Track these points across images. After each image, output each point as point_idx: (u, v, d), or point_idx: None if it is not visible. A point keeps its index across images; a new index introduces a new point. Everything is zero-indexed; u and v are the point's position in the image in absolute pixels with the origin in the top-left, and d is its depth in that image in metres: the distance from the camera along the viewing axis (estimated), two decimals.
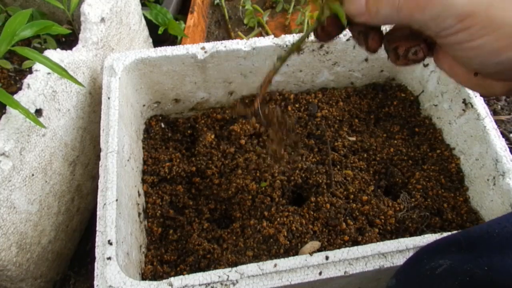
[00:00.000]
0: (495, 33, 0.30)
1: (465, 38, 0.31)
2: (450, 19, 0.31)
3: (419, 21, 0.32)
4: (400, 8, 0.32)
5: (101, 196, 0.63)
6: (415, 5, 0.31)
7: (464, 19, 0.30)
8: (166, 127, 0.88)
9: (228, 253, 0.68)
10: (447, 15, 0.30)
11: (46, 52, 0.68)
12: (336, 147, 0.82)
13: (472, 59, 0.33)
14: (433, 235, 0.58)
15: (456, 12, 0.30)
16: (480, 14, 0.30)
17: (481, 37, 0.31)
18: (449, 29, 0.31)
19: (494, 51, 0.31)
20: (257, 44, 0.78)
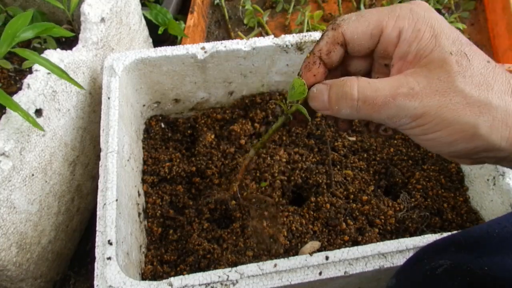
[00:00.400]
0: (447, 129, 0.32)
1: (420, 133, 0.34)
2: (404, 118, 0.33)
3: (377, 119, 0.35)
4: (359, 109, 0.35)
5: (101, 196, 0.63)
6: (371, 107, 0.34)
7: (417, 119, 0.33)
8: (166, 127, 0.88)
9: (228, 253, 0.68)
10: (402, 116, 0.33)
11: (46, 52, 0.68)
12: (336, 147, 0.82)
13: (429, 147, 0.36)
14: (433, 235, 0.58)
15: (409, 113, 0.33)
16: (431, 114, 0.32)
17: (434, 132, 0.33)
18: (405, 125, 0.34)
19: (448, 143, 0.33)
20: (257, 44, 0.77)
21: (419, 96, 0.32)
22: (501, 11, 1.19)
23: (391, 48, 0.35)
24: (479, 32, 1.25)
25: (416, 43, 0.33)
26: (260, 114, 0.86)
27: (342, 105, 0.36)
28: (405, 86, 0.33)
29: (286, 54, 0.80)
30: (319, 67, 0.39)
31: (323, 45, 0.38)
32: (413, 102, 0.32)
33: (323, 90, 0.37)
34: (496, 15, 1.22)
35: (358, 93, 0.34)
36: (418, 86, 0.32)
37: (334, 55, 0.38)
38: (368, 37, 0.36)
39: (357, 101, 0.34)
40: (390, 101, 0.33)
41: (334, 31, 0.37)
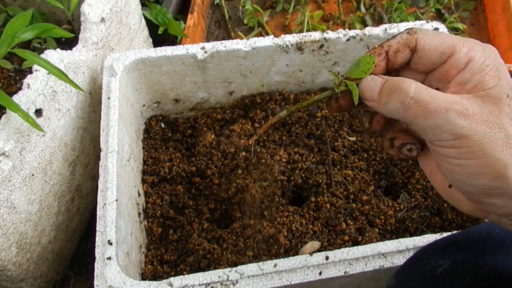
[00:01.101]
0: (480, 160, 0.33)
1: (453, 155, 0.35)
2: (447, 134, 0.34)
3: (420, 125, 0.35)
4: (408, 107, 0.35)
5: (101, 196, 0.63)
6: (421, 110, 0.34)
7: (458, 138, 0.34)
8: (166, 127, 0.88)
9: (228, 253, 0.68)
10: (445, 130, 0.34)
11: (46, 52, 0.68)
12: (336, 147, 0.82)
13: (452, 173, 0.36)
14: (433, 235, 0.58)
15: (454, 130, 0.33)
16: (473, 139, 0.33)
17: (466, 158, 0.34)
18: (443, 142, 0.35)
19: (473, 175, 0.34)
20: (257, 44, 0.77)
21: (469, 118, 0.33)
22: (501, 11, 1.19)
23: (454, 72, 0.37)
24: (479, 32, 1.25)
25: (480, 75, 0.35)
26: (260, 114, 0.86)
27: (392, 99, 0.36)
28: (460, 104, 0.34)
29: (286, 54, 0.80)
30: (382, 60, 0.39)
31: (394, 43, 0.39)
32: (462, 121, 0.33)
33: (377, 81, 0.38)
34: (496, 15, 1.22)
35: (414, 92, 0.35)
36: (471, 109, 0.34)
37: (400, 56, 0.38)
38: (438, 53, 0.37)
39: (410, 99, 0.35)
40: (442, 112, 0.34)
41: (409, 35, 0.38)
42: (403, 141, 0.40)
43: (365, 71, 0.38)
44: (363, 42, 0.79)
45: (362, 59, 0.40)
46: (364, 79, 0.38)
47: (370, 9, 1.29)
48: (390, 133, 0.41)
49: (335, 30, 0.79)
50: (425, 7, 1.28)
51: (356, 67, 0.40)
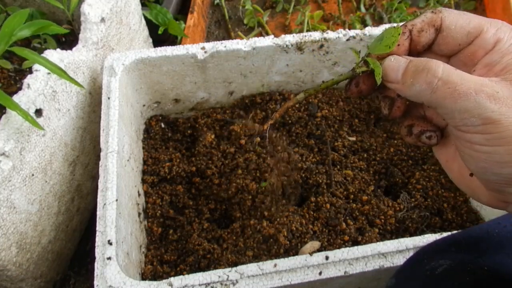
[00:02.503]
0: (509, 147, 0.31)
1: (480, 141, 0.32)
2: (476, 118, 0.32)
3: (448, 108, 0.33)
4: (435, 89, 0.33)
5: (101, 196, 0.63)
6: (450, 92, 0.32)
7: (487, 123, 0.31)
8: (166, 127, 0.88)
9: (228, 253, 0.68)
10: (475, 114, 0.32)
11: (46, 52, 0.68)
12: (336, 147, 0.82)
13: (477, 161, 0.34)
14: (433, 235, 0.58)
15: (484, 115, 0.31)
16: (503, 124, 0.31)
17: (494, 145, 0.32)
18: (471, 127, 0.32)
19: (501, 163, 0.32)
20: (257, 44, 0.77)
21: (500, 101, 0.31)
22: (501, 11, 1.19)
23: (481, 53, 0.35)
24: None
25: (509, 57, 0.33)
26: (260, 114, 0.86)
27: (418, 79, 0.34)
28: (490, 87, 0.32)
29: (286, 54, 0.80)
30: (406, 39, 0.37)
31: (418, 22, 0.37)
32: (493, 104, 0.31)
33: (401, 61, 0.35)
34: (496, 15, 1.22)
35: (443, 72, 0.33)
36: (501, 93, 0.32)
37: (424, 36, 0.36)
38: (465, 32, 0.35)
39: (439, 80, 0.33)
40: (471, 94, 0.31)
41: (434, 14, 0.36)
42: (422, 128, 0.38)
43: (389, 45, 0.36)
44: (363, 42, 0.80)
45: (386, 32, 0.37)
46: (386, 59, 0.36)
47: (370, 9, 1.29)
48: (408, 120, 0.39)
49: (335, 30, 0.79)
50: (425, 7, 1.28)
51: (379, 42, 0.37)
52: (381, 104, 0.39)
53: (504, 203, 0.37)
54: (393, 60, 0.36)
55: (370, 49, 0.38)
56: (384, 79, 0.36)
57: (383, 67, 0.36)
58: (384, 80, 0.36)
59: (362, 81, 0.39)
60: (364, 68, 0.38)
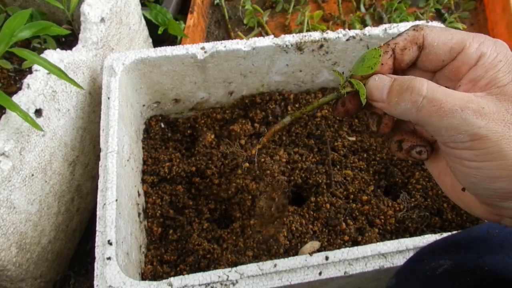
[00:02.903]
0: (498, 162, 0.31)
1: (469, 157, 0.32)
2: (463, 135, 0.32)
3: (435, 126, 0.33)
4: (421, 107, 0.33)
5: (101, 196, 0.62)
6: (436, 110, 0.32)
7: (475, 139, 0.31)
8: (166, 127, 0.88)
9: (228, 253, 0.68)
10: (462, 130, 0.31)
11: (46, 52, 0.68)
12: (336, 147, 0.82)
13: (467, 176, 0.34)
14: (433, 235, 0.58)
15: (471, 131, 0.31)
16: (491, 140, 0.31)
17: (484, 161, 0.32)
18: (459, 143, 0.32)
19: (491, 178, 0.32)
20: (257, 44, 0.77)
21: (487, 117, 0.31)
22: (501, 11, 1.19)
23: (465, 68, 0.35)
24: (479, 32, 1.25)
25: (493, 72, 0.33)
26: (260, 114, 0.86)
27: (403, 99, 0.33)
28: (475, 103, 0.32)
29: (286, 54, 0.80)
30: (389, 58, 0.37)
31: (400, 40, 0.37)
32: (480, 120, 0.31)
33: (385, 80, 0.35)
34: (496, 15, 1.22)
35: (427, 90, 0.33)
36: (487, 108, 0.32)
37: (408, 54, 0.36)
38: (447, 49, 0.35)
39: (423, 98, 0.33)
40: (457, 111, 0.31)
41: (415, 31, 0.37)
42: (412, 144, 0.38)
43: (371, 67, 0.36)
44: (363, 42, 0.79)
45: (367, 53, 0.37)
46: (371, 78, 0.36)
47: (370, 9, 1.29)
48: (398, 135, 0.39)
49: (335, 30, 0.79)
50: (425, 7, 1.28)
51: (361, 63, 0.37)
52: (369, 121, 0.39)
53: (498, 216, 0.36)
54: (377, 80, 0.36)
55: (353, 70, 0.38)
56: (370, 98, 0.36)
57: (368, 87, 0.36)
58: (369, 99, 0.37)
59: (348, 100, 0.39)
60: (349, 88, 0.38)
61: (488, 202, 0.35)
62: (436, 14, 1.29)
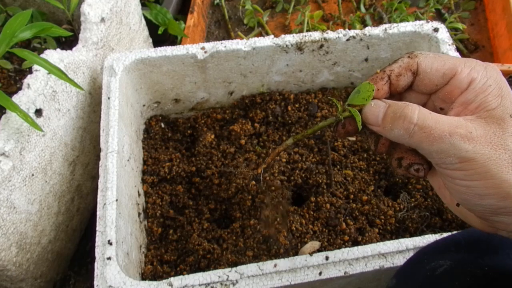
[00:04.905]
0: (486, 181, 0.34)
1: (459, 176, 0.35)
2: (452, 157, 0.34)
3: (426, 150, 0.35)
4: (412, 134, 0.35)
5: (101, 196, 0.63)
6: (426, 136, 0.35)
7: (464, 162, 0.34)
8: (166, 127, 0.88)
9: (228, 253, 0.68)
10: (451, 154, 0.34)
11: (46, 52, 0.68)
12: (336, 147, 0.82)
13: (459, 193, 0.36)
14: (433, 235, 0.58)
15: (459, 154, 0.34)
16: (479, 161, 0.33)
17: (473, 180, 0.34)
18: (449, 165, 0.35)
19: (480, 195, 0.34)
20: (257, 44, 0.77)
21: (474, 141, 0.34)
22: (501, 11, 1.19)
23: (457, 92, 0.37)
24: (479, 32, 1.25)
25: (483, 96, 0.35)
26: (260, 114, 0.86)
27: (396, 125, 0.36)
28: (464, 128, 0.34)
29: (286, 54, 0.80)
30: (385, 84, 0.39)
31: (396, 67, 0.39)
32: (467, 144, 0.34)
33: (380, 106, 0.38)
34: (496, 15, 1.22)
35: (418, 118, 0.35)
36: (475, 132, 0.34)
37: (403, 80, 0.39)
38: (440, 74, 0.37)
39: (415, 125, 0.35)
40: (446, 136, 0.34)
41: (410, 59, 0.39)
42: (411, 161, 0.40)
43: (366, 98, 0.39)
44: (363, 42, 0.80)
45: (362, 86, 0.40)
46: (367, 104, 0.39)
47: (370, 9, 1.29)
48: (398, 153, 0.41)
49: (335, 30, 0.79)
50: (425, 7, 1.28)
51: (357, 94, 0.40)
52: (369, 140, 0.42)
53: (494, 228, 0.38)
54: (373, 105, 0.38)
55: (349, 100, 0.41)
56: (366, 122, 0.39)
57: (364, 112, 0.39)
58: (366, 123, 0.39)
59: (348, 122, 0.41)
60: (347, 113, 0.41)
61: (482, 216, 0.37)
62: (436, 14, 1.29)
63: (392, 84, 0.40)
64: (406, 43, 0.81)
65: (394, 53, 0.83)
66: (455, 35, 1.20)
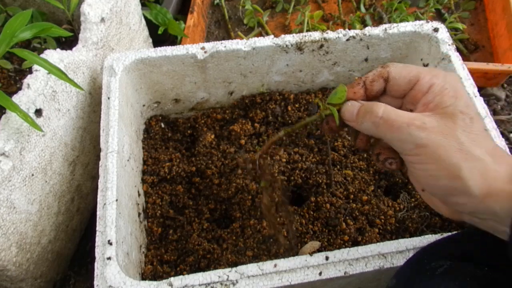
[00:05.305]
0: (437, 164, 0.40)
1: (416, 161, 0.42)
2: (409, 144, 0.41)
3: (389, 139, 0.43)
4: (378, 125, 0.43)
5: (101, 196, 0.63)
6: (388, 127, 0.42)
7: (419, 148, 0.40)
8: (166, 127, 0.88)
9: (228, 253, 0.68)
10: (408, 141, 0.41)
11: (46, 52, 0.68)
12: (336, 147, 0.82)
13: (419, 177, 0.43)
14: (433, 235, 0.58)
15: (415, 141, 0.40)
16: (431, 147, 0.40)
17: (427, 163, 0.41)
18: (408, 151, 0.42)
19: (434, 176, 0.41)
20: (257, 44, 0.77)
21: (427, 130, 0.40)
22: (501, 11, 1.19)
23: (420, 95, 0.44)
24: (479, 32, 1.25)
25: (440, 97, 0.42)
26: (260, 114, 0.86)
27: (366, 119, 0.44)
28: (420, 120, 0.41)
29: (286, 54, 0.80)
30: (361, 88, 0.47)
31: (370, 74, 0.47)
32: (421, 133, 0.40)
33: (355, 105, 0.46)
34: (496, 15, 1.22)
35: (383, 113, 0.43)
36: (429, 124, 0.40)
37: (376, 85, 0.47)
38: (406, 81, 0.45)
39: (380, 118, 0.43)
40: (404, 127, 0.41)
41: (383, 68, 0.47)
42: (386, 156, 0.47)
43: (340, 98, 0.48)
44: (363, 42, 0.80)
45: (338, 89, 0.49)
46: (345, 104, 0.47)
47: (370, 9, 1.29)
48: (377, 149, 0.48)
49: (335, 30, 0.79)
50: (425, 7, 1.28)
51: (334, 95, 0.49)
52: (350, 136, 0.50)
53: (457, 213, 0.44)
54: (350, 105, 0.47)
55: (328, 100, 0.49)
56: (344, 118, 0.47)
57: (342, 110, 0.47)
58: (344, 119, 0.48)
59: (331, 120, 0.49)
60: (328, 111, 0.49)
61: (442, 199, 0.43)
62: (436, 14, 1.29)
63: (367, 89, 0.47)
64: (406, 43, 0.81)
65: (394, 53, 0.83)
66: (455, 35, 1.20)
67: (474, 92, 0.72)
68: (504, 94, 1.17)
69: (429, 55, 0.80)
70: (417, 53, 0.82)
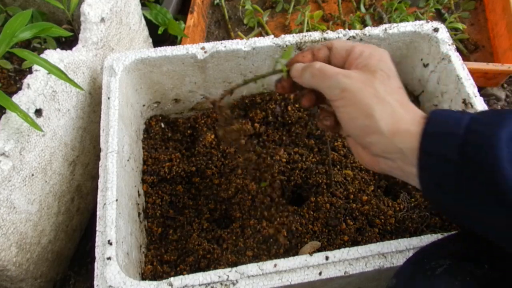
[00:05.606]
0: (356, 106, 0.47)
1: (341, 104, 0.48)
2: (336, 90, 0.48)
3: (321, 87, 0.50)
4: (314, 75, 0.51)
5: (101, 196, 0.63)
6: (321, 76, 0.50)
7: (343, 92, 0.47)
8: (166, 127, 0.88)
9: (228, 253, 0.68)
10: (336, 87, 0.48)
11: (46, 52, 0.68)
12: (336, 147, 0.82)
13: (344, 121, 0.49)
14: (433, 235, 0.58)
15: (340, 86, 0.48)
16: (353, 91, 0.47)
17: (347, 106, 0.47)
18: (335, 97, 0.49)
19: (354, 117, 0.47)
20: (257, 44, 0.77)
21: (351, 78, 0.48)
22: (501, 11, 1.19)
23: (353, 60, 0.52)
24: (479, 32, 1.25)
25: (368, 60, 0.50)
26: (260, 114, 0.86)
27: (306, 72, 0.52)
28: (347, 71, 0.49)
29: None
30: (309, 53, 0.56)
31: (317, 45, 0.57)
32: (346, 79, 0.48)
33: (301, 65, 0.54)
34: (496, 15, 1.22)
35: (320, 66, 0.51)
36: (354, 74, 0.48)
37: (321, 53, 0.55)
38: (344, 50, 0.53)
39: (317, 69, 0.50)
40: (333, 76, 0.49)
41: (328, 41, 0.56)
42: (324, 115, 0.55)
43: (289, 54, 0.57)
44: (363, 42, 0.79)
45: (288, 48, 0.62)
46: (295, 65, 0.55)
47: (370, 9, 1.29)
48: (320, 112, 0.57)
49: (335, 30, 0.79)
50: (425, 7, 1.28)
51: (285, 51, 0.58)
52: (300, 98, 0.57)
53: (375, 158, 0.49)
54: (297, 65, 0.55)
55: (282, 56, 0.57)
56: (292, 76, 0.55)
57: (293, 68, 0.55)
58: (292, 76, 0.55)
59: (284, 80, 0.57)
60: (279, 66, 0.57)
61: (361, 143, 0.49)
62: (436, 14, 1.29)
63: (314, 55, 0.55)
64: (406, 43, 0.81)
65: (394, 53, 0.83)
66: (455, 35, 1.20)
67: (474, 92, 0.72)
68: (504, 94, 1.17)
69: (429, 55, 0.80)
70: (417, 53, 0.82)
